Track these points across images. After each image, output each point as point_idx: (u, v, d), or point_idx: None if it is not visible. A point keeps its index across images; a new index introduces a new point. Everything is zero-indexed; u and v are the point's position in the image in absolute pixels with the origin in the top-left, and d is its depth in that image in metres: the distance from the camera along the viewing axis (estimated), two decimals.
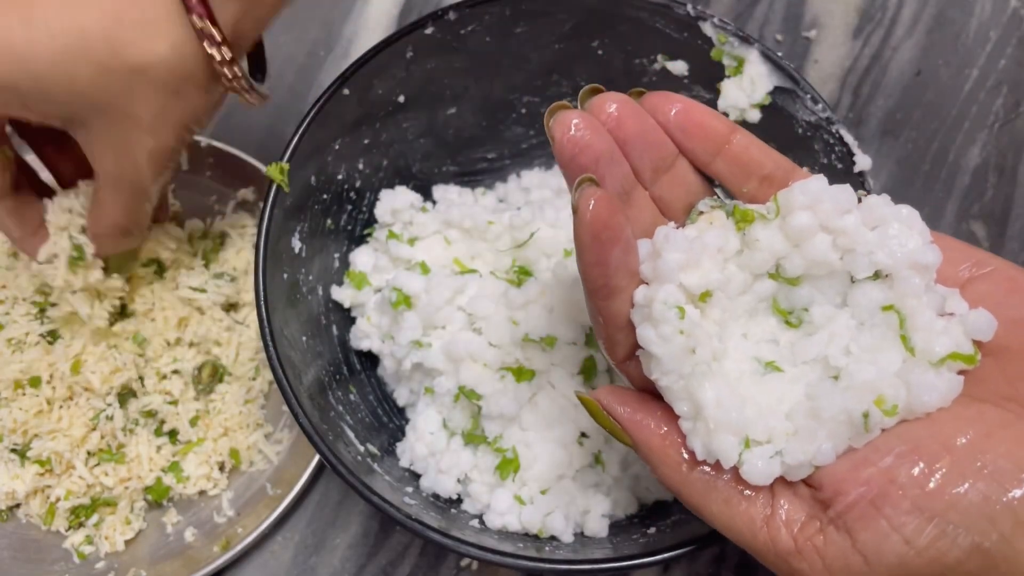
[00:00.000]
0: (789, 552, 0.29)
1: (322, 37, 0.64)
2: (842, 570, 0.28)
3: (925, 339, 0.30)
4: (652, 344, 0.30)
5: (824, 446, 0.29)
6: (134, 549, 0.50)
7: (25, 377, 0.50)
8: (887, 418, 0.29)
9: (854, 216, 0.31)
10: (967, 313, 0.30)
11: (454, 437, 0.46)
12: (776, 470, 0.30)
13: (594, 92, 0.33)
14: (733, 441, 0.30)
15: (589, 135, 0.31)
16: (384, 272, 0.50)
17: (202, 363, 0.53)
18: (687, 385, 0.30)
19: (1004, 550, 0.27)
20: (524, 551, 0.41)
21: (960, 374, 0.30)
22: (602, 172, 0.31)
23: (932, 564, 0.27)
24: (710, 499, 0.31)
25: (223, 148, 0.57)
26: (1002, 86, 0.62)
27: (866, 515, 0.28)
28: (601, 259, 0.30)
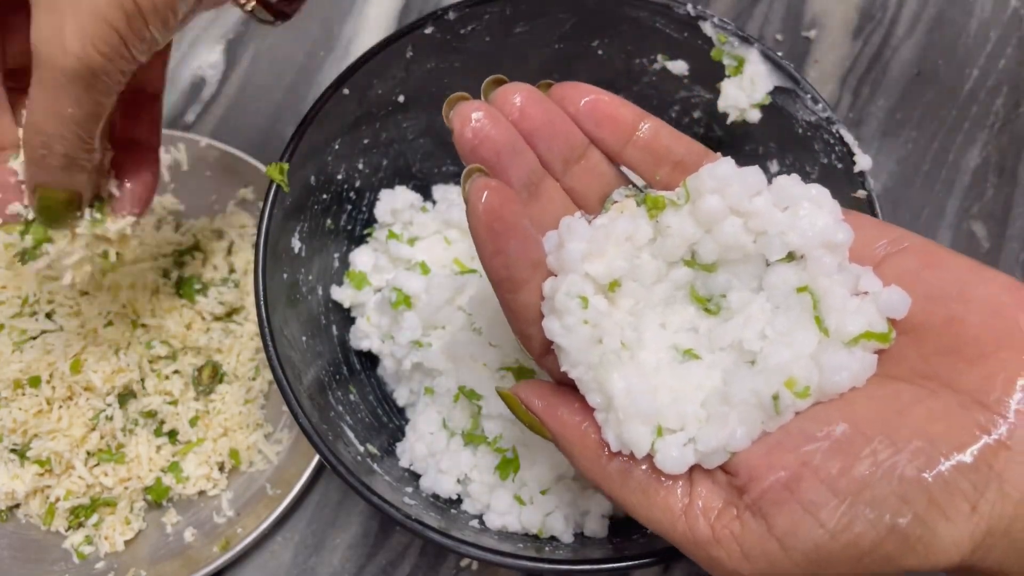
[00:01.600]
0: (707, 541, 0.29)
1: (322, 37, 0.64)
2: (759, 557, 0.28)
3: (838, 319, 0.29)
4: (557, 336, 0.30)
5: (737, 431, 0.29)
6: (134, 549, 0.50)
7: (25, 377, 0.50)
8: (799, 400, 0.29)
9: (764, 197, 0.30)
10: (880, 291, 0.29)
11: (454, 437, 0.46)
12: (690, 458, 0.29)
13: (497, 83, 0.32)
14: (644, 430, 0.29)
15: (490, 126, 0.31)
16: (384, 272, 0.50)
17: (202, 364, 0.53)
18: (596, 376, 0.30)
19: (919, 530, 0.26)
20: (524, 551, 0.41)
21: (876, 353, 0.29)
22: (504, 164, 0.31)
23: (848, 548, 0.27)
24: (628, 490, 0.30)
25: (223, 148, 0.57)
26: (1002, 86, 0.62)
27: (781, 499, 0.28)
28: (499, 249, 0.30)
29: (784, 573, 0.28)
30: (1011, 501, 0.26)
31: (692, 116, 0.50)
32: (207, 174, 0.58)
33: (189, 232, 0.56)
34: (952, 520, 0.26)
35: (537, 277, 0.31)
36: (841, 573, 0.27)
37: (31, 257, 0.42)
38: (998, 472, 0.26)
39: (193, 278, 0.54)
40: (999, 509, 0.26)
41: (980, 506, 0.26)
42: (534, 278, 0.31)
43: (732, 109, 0.46)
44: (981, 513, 0.26)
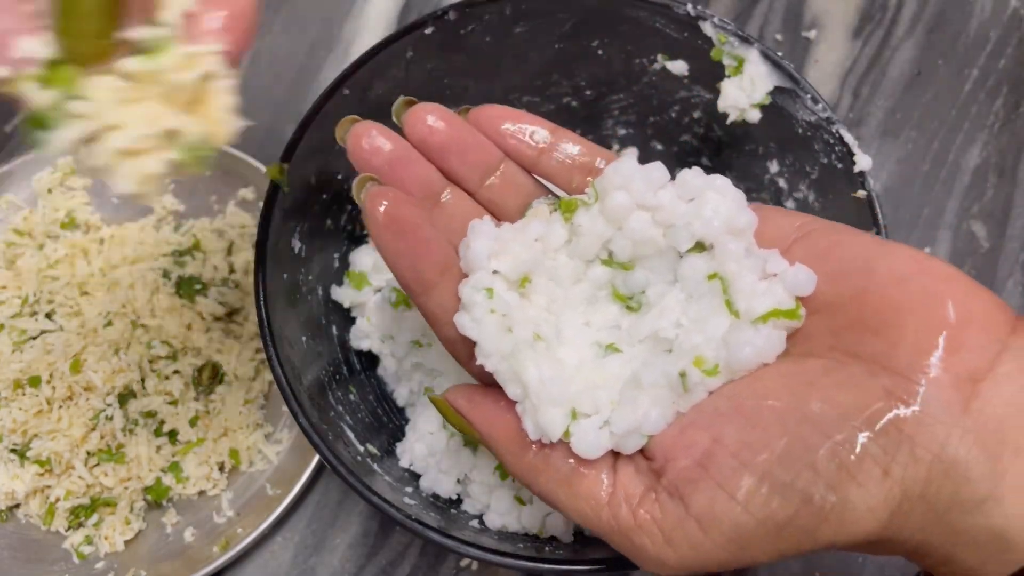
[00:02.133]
0: (630, 528, 0.29)
1: (322, 37, 0.64)
2: (681, 541, 0.28)
3: (747, 301, 0.30)
4: (467, 329, 0.31)
5: (651, 413, 0.29)
6: (134, 549, 0.50)
7: (25, 377, 0.50)
8: (709, 378, 0.29)
9: (668, 191, 0.31)
10: (786, 270, 0.30)
11: (454, 437, 0.46)
12: (605, 442, 0.30)
13: (409, 104, 0.34)
14: (558, 413, 0.30)
15: (382, 140, 0.32)
16: (384, 272, 0.50)
17: (202, 364, 0.53)
18: (511, 365, 0.30)
19: (832, 498, 0.26)
20: (524, 551, 0.41)
21: (789, 334, 0.30)
22: (399, 174, 0.32)
23: (765, 523, 0.26)
24: (554, 483, 0.30)
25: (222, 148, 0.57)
26: (1002, 86, 0.62)
27: (695, 478, 0.28)
28: (400, 252, 0.31)
29: (707, 556, 0.27)
30: (923, 464, 0.26)
31: (692, 116, 0.50)
32: (207, 174, 0.57)
33: (189, 232, 0.56)
34: (864, 486, 0.26)
35: (447, 279, 0.32)
36: (763, 550, 0.27)
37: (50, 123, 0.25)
38: (908, 435, 0.26)
39: (193, 278, 0.54)
40: (912, 472, 0.26)
41: (892, 470, 0.26)
42: (443, 280, 0.32)
43: (732, 109, 0.46)
44: (894, 477, 0.26)
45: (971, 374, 0.26)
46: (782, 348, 0.30)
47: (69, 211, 0.56)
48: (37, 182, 0.57)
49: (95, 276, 0.54)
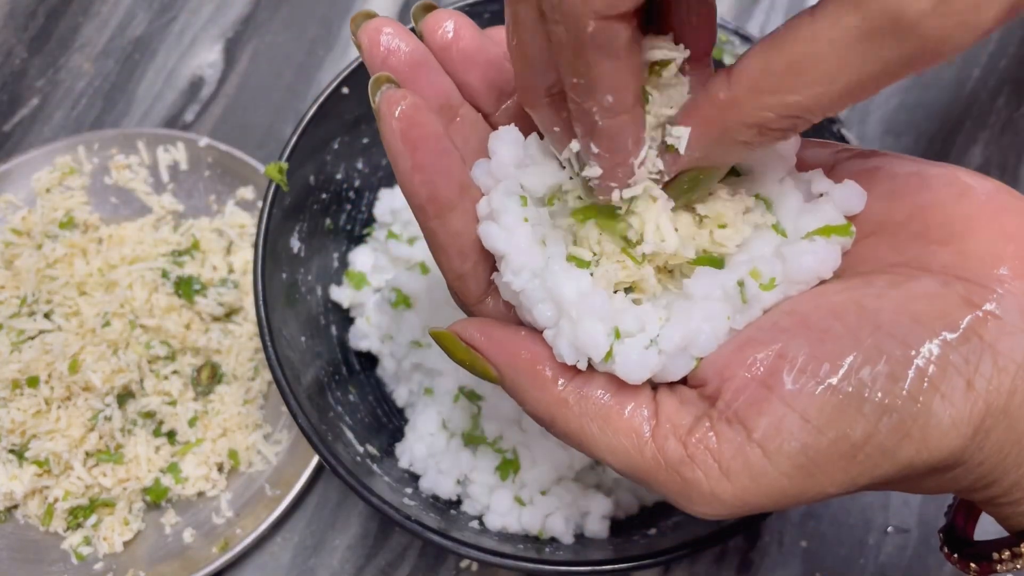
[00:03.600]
0: (680, 461, 0.26)
1: (321, 36, 0.64)
2: (741, 470, 0.25)
3: (795, 221, 0.28)
4: (497, 240, 0.27)
5: (703, 328, 0.26)
6: (132, 550, 0.50)
7: (23, 377, 0.50)
8: (765, 293, 0.27)
9: None
10: (834, 188, 0.28)
11: (454, 438, 0.46)
12: (653, 362, 0.26)
13: (428, 9, 0.30)
14: (601, 330, 0.26)
15: (401, 41, 0.28)
16: (383, 272, 0.50)
17: (201, 364, 0.53)
18: (543, 282, 0.27)
19: (914, 411, 0.24)
20: (524, 552, 0.40)
21: (844, 255, 0.28)
22: (418, 79, 0.28)
23: (839, 443, 0.24)
24: (588, 418, 0.27)
25: (222, 147, 0.57)
26: (1004, 86, 0.62)
27: (758, 399, 0.25)
28: (417, 163, 0.27)
29: (769, 487, 0.25)
30: (1008, 374, 0.24)
31: None
32: (206, 174, 0.57)
33: (188, 232, 0.56)
34: (948, 398, 0.24)
35: (466, 202, 0.28)
36: (833, 478, 0.25)
37: None
38: (990, 343, 0.24)
39: (192, 278, 0.54)
40: (995, 383, 0.24)
41: (976, 381, 0.24)
42: (462, 202, 0.28)
43: None
44: (978, 389, 0.24)
45: None
46: (839, 262, 0.27)
47: (67, 211, 0.56)
48: (35, 182, 0.57)
49: (94, 276, 0.53)
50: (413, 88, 0.28)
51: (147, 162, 0.58)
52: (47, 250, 0.54)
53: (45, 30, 0.64)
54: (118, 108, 0.62)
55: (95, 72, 0.63)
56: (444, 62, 0.30)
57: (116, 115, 0.61)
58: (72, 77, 0.62)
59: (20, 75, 0.62)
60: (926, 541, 0.50)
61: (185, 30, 0.64)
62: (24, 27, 0.64)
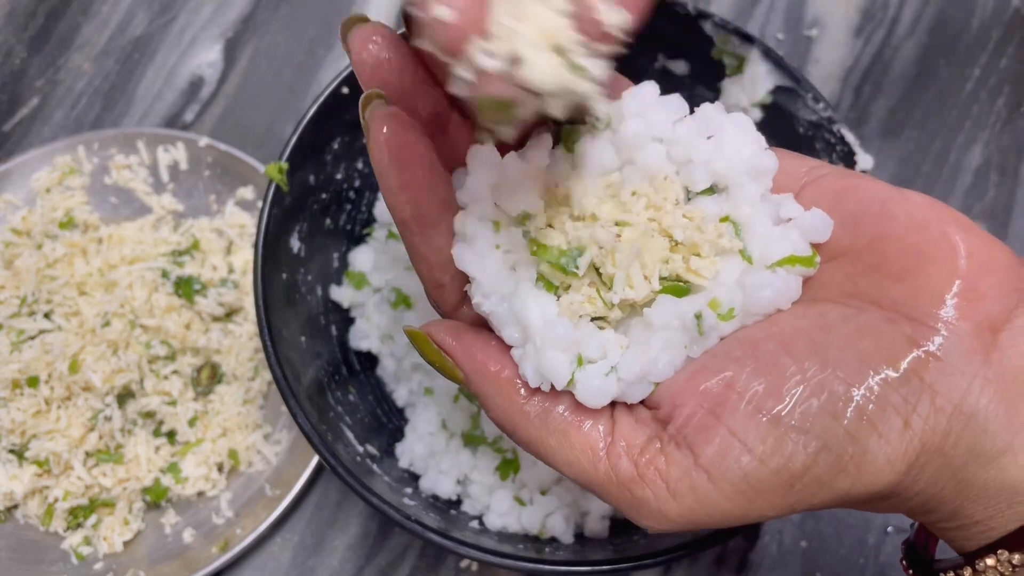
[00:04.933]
0: (630, 479, 0.27)
1: (321, 35, 0.64)
2: (687, 493, 0.26)
3: (761, 246, 0.28)
4: (468, 264, 0.28)
5: (660, 358, 0.27)
6: (132, 550, 0.50)
7: (23, 377, 0.50)
8: (723, 323, 0.28)
9: (687, 125, 0.29)
10: (802, 215, 0.28)
11: (454, 438, 0.46)
12: (612, 389, 0.28)
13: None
14: (564, 359, 0.27)
15: (390, 51, 0.28)
16: (383, 272, 0.50)
17: (201, 364, 0.53)
18: (512, 306, 0.28)
19: (851, 448, 0.25)
20: (524, 552, 0.40)
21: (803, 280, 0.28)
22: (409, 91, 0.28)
23: (779, 473, 0.25)
24: (547, 432, 0.28)
25: (222, 147, 0.57)
26: (1003, 86, 0.62)
27: (706, 426, 0.26)
28: (403, 182, 0.27)
29: (712, 509, 0.26)
30: (944, 415, 0.25)
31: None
32: (206, 174, 0.57)
33: (188, 232, 0.56)
34: (884, 437, 0.25)
35: (448, 218, 0.29)
36: (773, 503, 0.26)
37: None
38: (929, 384, 0.25)
39: (192, 278, 0.54)
40: (932, 424, 0.25)
41: (913, 421, 0.25)
42: (445, 218, 0.29)
43: (733, 108, 0.46)
44: (914, 429, 0.25)
45: (991, 323, 0.25)
46: (799, 294, 0.28)
47: (67, 211, 0.56)
48: (35, 181, 0.57)
49: (93, 276, 0.53)
50: (403, 98, 0.28)
51: (147, 162, 0.58)
52: (47, 250, 0.54)
53: (45, 30, 0.64)
54: (118, 108, 0.62)
55: (95, 72, 0.63)
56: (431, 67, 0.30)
57: (116, 115, 0.61)
58: (72, 77, 0.62)
59: (20, 75, 0.62)
60: None
61: (185, 30, 0.64)
62: (24, 27, 0.64)
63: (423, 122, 0.29)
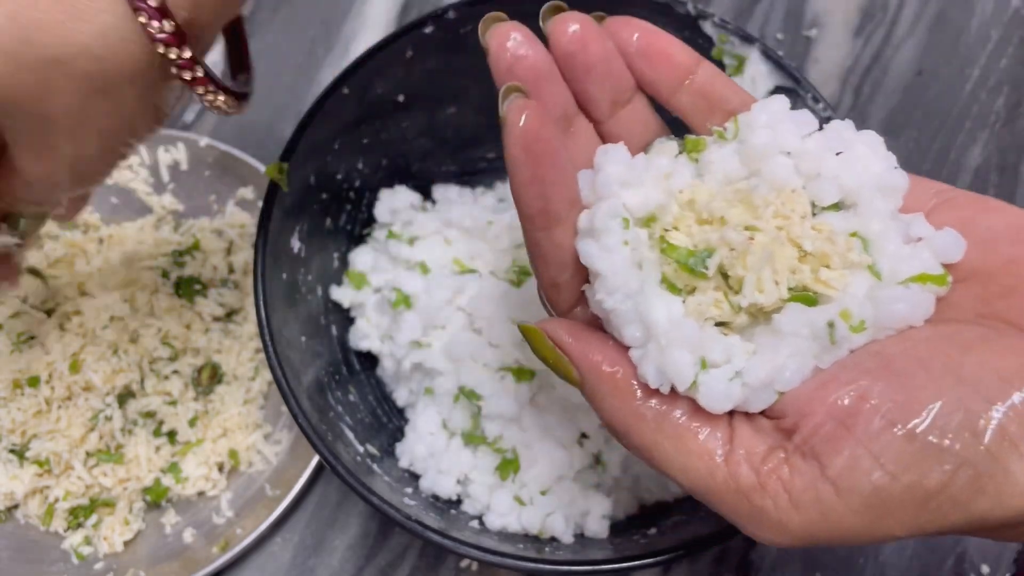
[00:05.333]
0: (752, 488, 0.26)
1: (321, 36, 0.64)
2: (810, 505, 0.25)
3: (891, 264, 0.27)
4: (595, 259, 0.28)
5: (788, 365, 0.27)
6: (133, 550, 0.50)
7: (24, 377, 0.50)
8: (854, 335, 0.27)
9: (817, 139, 0.29)
10: (934, 235, 0.28)
11: (454, 438, 0.46)
12: (736, 394, 0.27)
13: (557, 10, 0.30)
14: (689, 359, 0.27)
15: (528, 48, 0.29)
16: (384, 272, 0.50)
17: (201, 364, 0.53)
18: (635, 305, 0.28)
19: (991, 468, 0.24)
20: (524, 552, 0.40)
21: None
22: (541, 90, 0.29)
23: (912, 489, 0.24)
24: (663, 435, 0.28)
25: (221, 147, 0.57)
26: (1003, 86, 0.62)
27: (836, 437, 0.25)
28: (536, 176, 0.28)
29: (837, 523, 0.25)
30: None
31: None
32: (206, 174, 0.57)
33: (188, 232, 0.56)
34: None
35: (572, 217, 0.29)
36: (902, 521, 0.25)
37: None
38: None
39: (192, 278, 0.54)
40: None
41: None
42: (570, 217, 0.29)
43: None
44: None
45: None
46: (932, 311, 0.27)
47: None
48: None
49: (94, 276, 0.53)
50: (537, 96, 0.29)
51: (147, 162, 0.58)
52: (47, 250, 0.54)
53: None
54: None
55: None
56: (565, 68, 0.30)
57: None
58: None
59: None
60: (926, 541, 0.50)
61: None
62: None
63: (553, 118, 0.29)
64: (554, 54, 0.30)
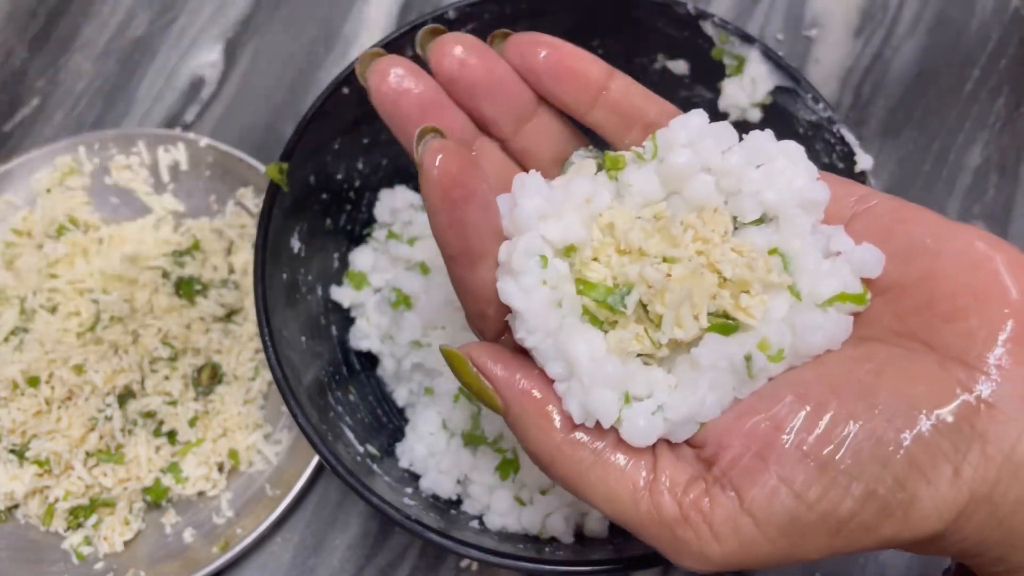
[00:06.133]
0: (674, 520, 0.26)
1: (321, 36, 0.64)
2: (730, 536, 0.26)
3: (811, 282, 0.27)
4: (513, 298, 0.27)
5: (708, 398, 0.27)
6: (133, 550, 0.50)
7: (24, 377, 0.50)
8: (772, 364, 0.27)
9: (736, 154, 0.28)
10: (853, 250, 0.27)
11: (454, 438, 0.46)
12: (659, 427, 0.27)
13: (434, 34, 0.30)
14: (612, 397, 0.27)
15: (410, 81, 0.28)
16: (384, 272, 0.50)
17: (202, 364, 0.53)
18: (556, 342, 0.27)
19: (900, 496, 0.25)
20: (524, 552, 0.40)
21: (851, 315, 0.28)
22: (431, 120, 0.28)
23: (825, 518, 0.25)
24: (585, 467, 0.28)
25: (222, 148, 0.57)
26: (1003, 86, 0.62)
27: (752, 469, 0.26)
28: (455, 220, 0.27)
29: (755, 552, 0.26)
30: (994, 464, 0.25)
31: None
32: (206, 174, 0.57)
33: (188, 232, 0.56)
34: (934, 484, 0.25)
35: (494, 250, 0.28)
36: (817, 547, 0.26)
37: None
38: (980, 432, 0.25)
39: (192, 278, 0.54)
40: (982, 472, 0.25)
41: (963, 470, 0.25)
42: (491, 250, 0.28)
43: (733, 109, 0.46)
44: (964, 477, 0.25)
45: None
46: (849, 333, 0.28)
47: (68, 211, 0.56)
48: (36, 182, 0.57)
49: (94, 276, 0.54)
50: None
51: (147, 162, 0.58)
52: (48, 250, 0.54)
53: (45, 30, 0.64)
54: (118, 108, 0.62)
55: (95, 72, 0.63)
56: (454, 93, 0.30)
57: (116, 115, 0.61)
58: (72, 77, 0.62)
59: (20, 75, 0.63)
60: None
61: (185, 30, 0.64)
62: (24, 27, 0.64)
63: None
64: (438, 80, 0.29)
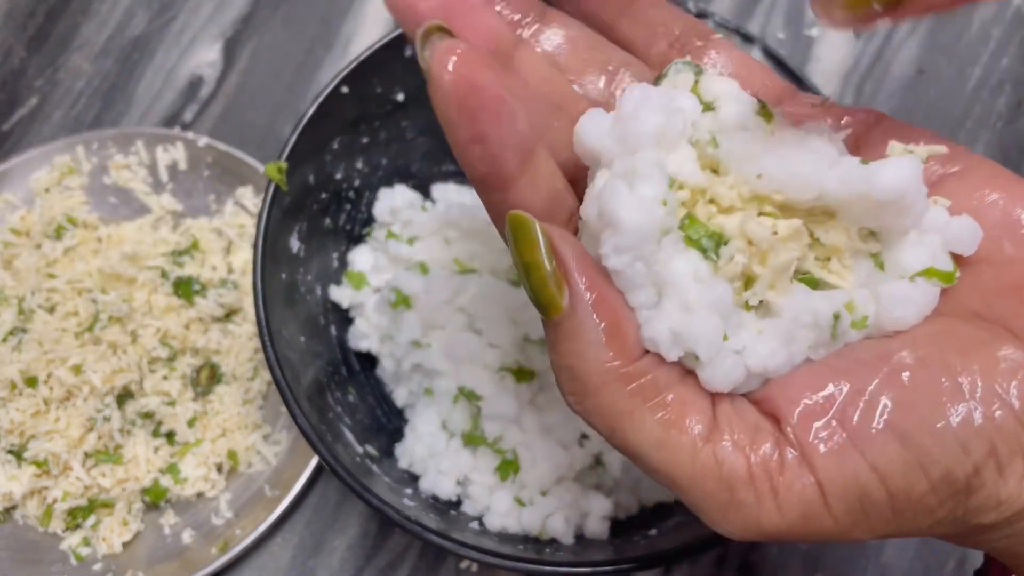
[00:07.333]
0: (738, 477, 0.23)
1: (320, 35, 0.64)
2: (795, 506, 0.23)
3: (896, 252, 0.25)
4: (621, 208, 0.23)
5: (786, 351, 0.24)
6: (132, 551, 0.50)
7: (22, 377, 0.50)
8: (853, 330, 0.25)
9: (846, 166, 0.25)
10: (948, 221, 0.25)
11: (453, 438, 0.45)
12: (740, 374, 0.24)
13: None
14: (717, 324, 0.23)
15: None
16: (383, 272, 0.50)
17: (200, 365, 0.53)
18: (650, 267, 0.24)
19: (974, 482, 0.23)
20: (524, 553, 0.40)
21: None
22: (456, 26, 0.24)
23: (895, 497, 0.23)
24: (641, 406, 0.24)
25: (221, 147, 0.56)
26: (1005, 85, 0.62)
27: (829, 435, 0.23)
28: (477, 135, 0.23)
29: (816, 527, 0.23)
30: None
31: None
32: (205, 174, 0.57)
33: (187, 232, 0.56)
34: (1005, 478, 0.23)
35: (532, 167, 0.24)
36: (871, 528, 0.24)
37: None
38: None
39: (191, 278, 0.54)
40: None
41: None
42: (526, 171, 0.24)
43: None
44: None
45: None
46: (934, 307, 0.25)
47: (67, 210, 0.56)
48: (34, 181, 0.56)
49: (93, 276, 0.53)
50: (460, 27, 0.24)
51: (146, 162, 0.57)
52: (46, 250, 0.54)
53: (44, 30, 0.64)
54: (117, 108, 0.61)
55: (94, 72, 0.63)
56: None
57: (115, 115, 0.61)
58: (71, 77, 0.62)
59: (19, 75, 0.62)
60: (927, 541, 0.50)
61: (184, 29, 0.64)
62: (23, 26, 0.64)
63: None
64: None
